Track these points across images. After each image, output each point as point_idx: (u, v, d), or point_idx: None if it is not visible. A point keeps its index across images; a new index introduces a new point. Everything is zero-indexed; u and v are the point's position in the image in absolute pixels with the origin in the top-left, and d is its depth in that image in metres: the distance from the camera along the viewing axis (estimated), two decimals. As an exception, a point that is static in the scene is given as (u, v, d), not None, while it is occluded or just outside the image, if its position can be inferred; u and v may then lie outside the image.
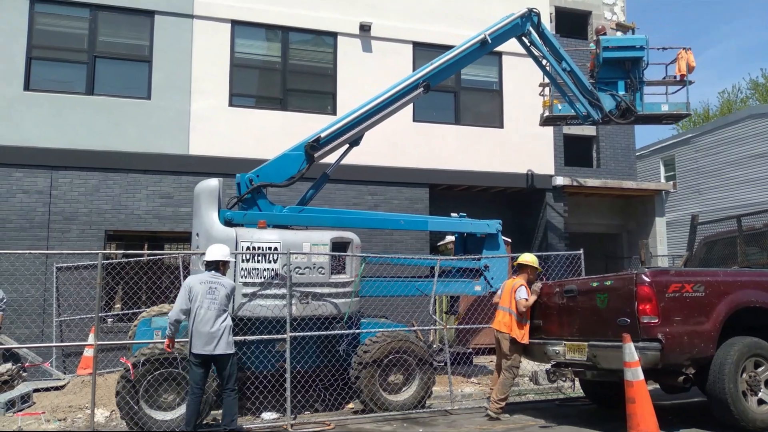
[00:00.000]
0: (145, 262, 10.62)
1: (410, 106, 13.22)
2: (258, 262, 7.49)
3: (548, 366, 7.43)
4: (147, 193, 11.71)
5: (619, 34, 16.82)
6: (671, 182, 18.64)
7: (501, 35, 10.15)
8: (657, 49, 12.96)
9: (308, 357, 7.91)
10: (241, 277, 7.40)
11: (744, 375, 6.28)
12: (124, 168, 11.58)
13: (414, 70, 12.21)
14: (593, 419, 7.27)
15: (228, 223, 7.88)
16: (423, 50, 13.46)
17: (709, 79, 64.05)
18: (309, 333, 7.62)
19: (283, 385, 7.25)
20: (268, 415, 7.71)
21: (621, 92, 11.22)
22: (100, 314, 10.14)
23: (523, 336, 7.28)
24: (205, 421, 7.15)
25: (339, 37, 13.17)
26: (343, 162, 12.36)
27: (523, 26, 10.39)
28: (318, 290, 7.65)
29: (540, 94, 13.44)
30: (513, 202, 15.07)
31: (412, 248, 12.84)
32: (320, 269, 7.66)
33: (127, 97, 11.88)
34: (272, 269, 7.51)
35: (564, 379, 8.18)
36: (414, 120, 13.49)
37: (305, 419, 7.60)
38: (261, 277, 7.47)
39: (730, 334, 6.38)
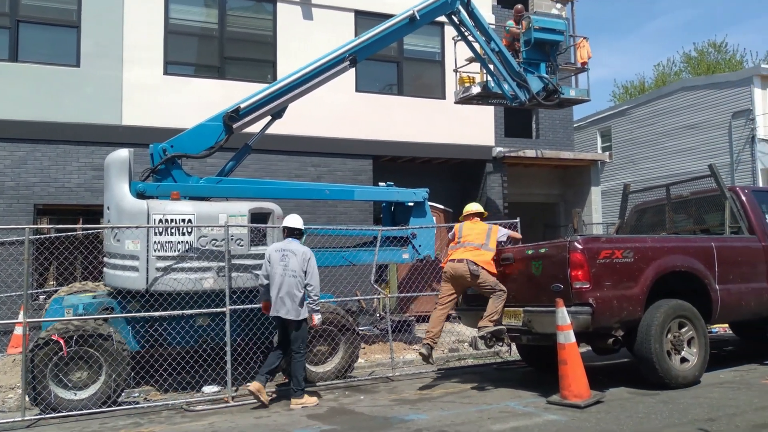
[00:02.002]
0: (77, 237, 10.23)
1: (353, 76, 13.11)
2: (171, 234, 7.28)
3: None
4: (78, 165, 11.24)
5: (558, 6, 17.06)
6: (607, 153, 19.28)
7: (430, 12, 9.95)
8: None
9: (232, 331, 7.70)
10: (155, 251, 7.18)
11: (669, 335, 6.63)
12: (53, 139, 11.06)
13: (356, 38, 12.04)
14: (529, 381, 7.54)
15: (140, 195, 7.58)
16: (365, 19, 13.28)
17: (648, 52, 65.99)
18: (249, 306, 7.55)
19: (224, 359, 7.19)
20: (209, 389, 7.65)
21: (544, 74, 11.20)
22: (31, 291, 9.83)
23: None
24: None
25: (278, 4, 12.85)
26: (285, 132, 12.25)
27: (452, 4, 10.20)
28: (236, 262, 7.45)
29: (454, 71, 13.06)
30: (456, 173, 15.25)
31: (356, 219, 12.85)
32: (238, 241, 7.48)
33: (55, 65, 11.28)
34: (186, 242, 7.31)
35: (501, 343, 8.41)
36: (357, 90, 13.38)
37: (247, 391, 7.57)
38: (175, 251, 7.27)
39: (657, 298, 6.70)
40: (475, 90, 12.04)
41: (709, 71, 32.35)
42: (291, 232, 7.08)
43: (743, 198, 8.01)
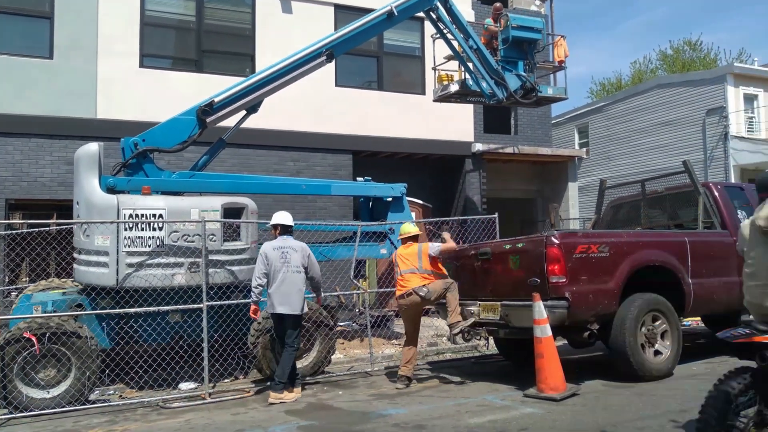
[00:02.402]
0: (51, 233, 10.03)
1: (333, 71, 13.06)
2: (142, 230, 7.17)
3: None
4: (51, 159, 11.04)
5: (537, 3, 17.15)
6: (584, 149, 19.46)
7: (408, 8, 9.90)
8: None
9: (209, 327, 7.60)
10: (125, 247, 7.08)
11: (643, 329, 6.73)
12: (25, 132, 10.84)
13: (335, 33, 11.98)
14: (506, 375, 7.60)
15: (111, 190, 7.46)
16: (345, 13, 13.23)
17: (625, 50, 66.74)
18: (226, 302, 7.48)
19: (201, 355, 7.13)
20: (185, 385, 7.58)
21: (522, 72, 11.18)
22: (2, 288, 9.64)
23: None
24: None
25: (257, -3, 12.73)
26: (264, 127, 12.17)
27: (430, 0, 10.18)
28: (209, 258, 7.31)
29: (433, 68, 12.97)
30: (435, 169, 15.29)
31: (335, 215, 12.82)
32: (211, 236, 7.37)
33: (27, 56, 11.05)
34: (157, 237, 7.20)
35: (479, 337, 8.48)
36: (337, 85, 13.33)
37: (224, 387, 7.53)
38: (146, 246, 7.16)
39: (631, 292, 6.79)
40: (454, 88, 11.99)
41: (684, 69, 32.85)
42: (285, 230, 7.06)
43: (716, 194, 8.15)
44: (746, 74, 20.37)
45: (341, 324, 10.61)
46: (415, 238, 7.53)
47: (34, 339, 6.49)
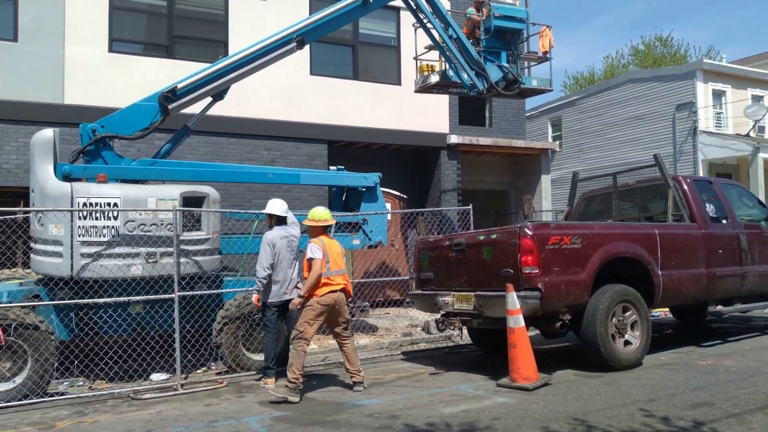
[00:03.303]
0: (17, 221, 9.76)
1: (307, 59, 12.92)
2: (96, 219, 6.97)
3: (438, 316, 7.68)
4: (17, 145, 10.72)
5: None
6: (557, 142, 19.66)
7: None
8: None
9: (164, 321, 7.46)
10: (79, 236, 6.89)
11: (614, 319, 6.85)
12: (-12, 117, 10.50)
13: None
14: (479, 365, 7.66)
15: (67, 177, 7.24)
16: (321, 0, 13.07)
17: (598, 44, 67.50)
18: (199, 292, 7.39)
19: (173, 346, 7.03)
20: (157, 376, 7.48)
21: (504, 63, 10.92)
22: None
23: None
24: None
25: (231, -18, 12.50)
26: (237, 115, 12.01)
27: None
28: (167, 249, 7.16)
29: (414, 58, 12.83)
30: (410, 160, 15.28)
31: (311, 205, 12.65)
32: (169, 226, 7.18)
33: (-10, 39, 10.70)
34: (113, 227, 7.01)
35: (453, 328, 8.51)
36: (312, 73, 13.20)
37: (197, 378, 7.45)
38: (100, 236, 6.97)
39: (603, 283, 6.90)
40: (434, 79, 11.81)
41: (655, 64, 33.35)
42: (280, 220, 7.07)
43: (685, 187, 8.30)
44: (715, 71, 20.76)
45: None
46: (328, 228, 6.97)
47: (-1, 330, 6.32)
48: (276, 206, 7.11)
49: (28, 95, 10.77)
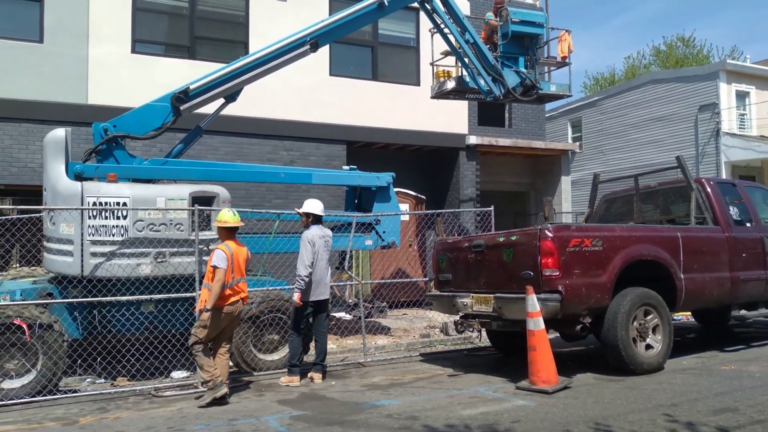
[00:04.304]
0: (41, 219, 9.92)
1: (327, 60, 12.97)
2: (106, 218, 7.01)
3: (457, 318, 7.67)
4: (42, 144, 10.86)
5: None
6: (577, 143, 19.51)
7: None
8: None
9: (176, 320, 7.46)
10: (89, 235, 6.93)
11: (635, 323, 6.77)
12: (15, 117, 10.70)
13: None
14: (498, 367, 7.63)
15: (78, 176, 7.30)
16: (339, 2, 13.11)
17: (617, 43, 66.87)
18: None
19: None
20: (178, 374, 7.55)
21: (522, 68, 10.78)
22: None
23: None
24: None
25: (252, -16, 12.60)
26: (257, 116, 12.10)
27: None
28: (177, 248, 7.18)
29: (430, 64, 12.66)
30: (429, 161, 15.26)
31: (329, 205, 12.71)
32: (178, 226, 7.20)
33: (16, 40, 10.89)
34: (122, 226, 7.05)
35: (471, 329, 8.49)
36: (331, 74, 13.25)
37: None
38: (110, 235, 7.01)
39: (624, 286, 6.83)
40: (450, 85, 11.65)
41: (677, 65, 32.95)
42: (317, 219, 7.20)
43: (708, 189, 8.19)
44: (739, 71, 20.44)
45: (337, 315, 10.61)
46: (236, 230, 6.73)
47: (25, 326, 6.43)
48: (314, 205, 7.20)
49: (52, 95, 10.95)
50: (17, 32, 10.96)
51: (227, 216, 6.49)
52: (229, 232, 6.51)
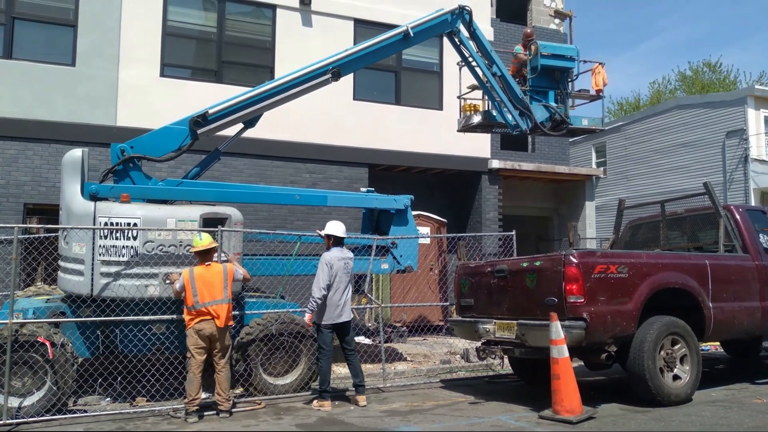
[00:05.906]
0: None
1: (351, 84, 13.10)
2: (116, 239, 7.04)
3: (478, 344, 7.55)
4: (66, 164, 11.11)
5: (557, 21, 17.15)
6: (602, 168, 19.34)
7: (426, 30, 9.47)
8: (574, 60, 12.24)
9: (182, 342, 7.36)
10: (100, 255, 6.98)
11: (662, 352, 6.60)
12: (45, 138, 10.95)
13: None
14: (520, 395, 7.48)
15: (93, 196, 7.34)
16: (365, 28, 13.29)
17: (643, 70, 66.58)
18: (234, 312, 7.43)
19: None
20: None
21: (552, 103, 10.44)
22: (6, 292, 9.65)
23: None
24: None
25: (278, 10, 12.83)
26: (281, 138, 12.23)
27: (452, 23, 9.69)
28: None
29: (458, 97, 12.38)
30: (451, 184, 15.24)
31: (351, 227, 12.75)
32: (187, 247, 7.13)
33: (50, 63, 11.20)
34: (132, 247, 7.07)
35: (494, 356, 8.35)
36: (354, 98, 13.37)
37: (235, 399, 7.46)
38: (120, 255, 7.03)
39: (650, 314, 6.68)
40: (476, 119, 11.31)
41: (703, 90, 32.64)
42: (338, 241, 7.17)
43: (737, 216, 8.03)
44: (767, 97, 20.17)
45: (357, 339, 10.51)
46: (210, 253, 6.82)
47: (48, 344, 6.48)
48: (335, 227, 7.19)
49: (82, 117, 11.20)
50: (51, 56, 11.28)
51: (194, 240, 6.77)
52: (202, 256, 6.69)
